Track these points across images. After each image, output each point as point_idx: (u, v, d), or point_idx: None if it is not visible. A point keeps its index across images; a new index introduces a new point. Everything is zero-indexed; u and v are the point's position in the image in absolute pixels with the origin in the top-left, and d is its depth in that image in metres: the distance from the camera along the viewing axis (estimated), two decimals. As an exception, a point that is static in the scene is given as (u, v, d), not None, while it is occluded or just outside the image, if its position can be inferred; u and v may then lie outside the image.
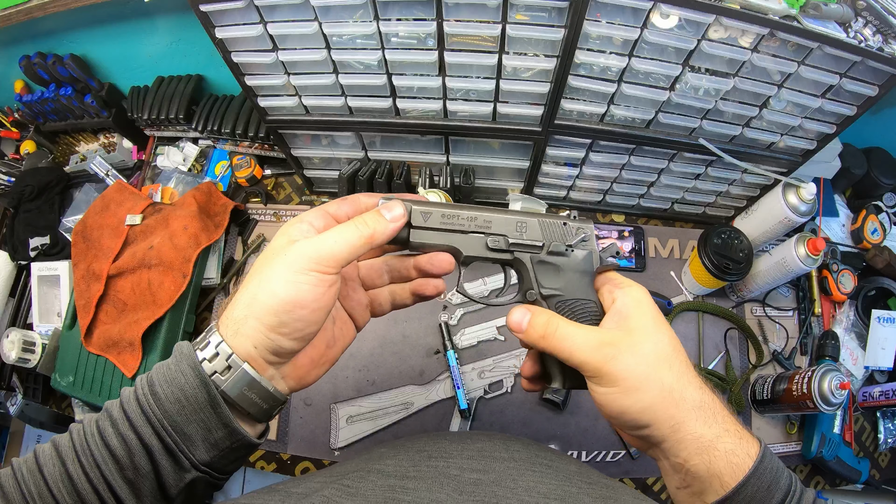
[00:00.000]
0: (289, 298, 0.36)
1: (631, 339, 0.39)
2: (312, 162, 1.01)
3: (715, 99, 0.75)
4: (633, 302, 0.41)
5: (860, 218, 1.07)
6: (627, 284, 0.43)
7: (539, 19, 0.66)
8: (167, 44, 1.04)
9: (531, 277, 0.43)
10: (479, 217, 0.42)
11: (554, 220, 0.44)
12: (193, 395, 0.35)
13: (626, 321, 0.40)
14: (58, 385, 0.92)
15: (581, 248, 0.44)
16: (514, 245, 0.43)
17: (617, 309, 0.41)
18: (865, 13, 0.62)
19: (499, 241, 0.42)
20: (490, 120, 0.82)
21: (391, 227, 0.40)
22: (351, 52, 0.73)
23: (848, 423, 0.95)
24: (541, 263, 0.43)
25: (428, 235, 0.42)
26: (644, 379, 0.37)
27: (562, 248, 0.43)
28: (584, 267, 0.43)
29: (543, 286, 0.43)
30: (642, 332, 0.39)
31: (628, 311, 0.41)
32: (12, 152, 1.23)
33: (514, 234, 0.43)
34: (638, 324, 0.40)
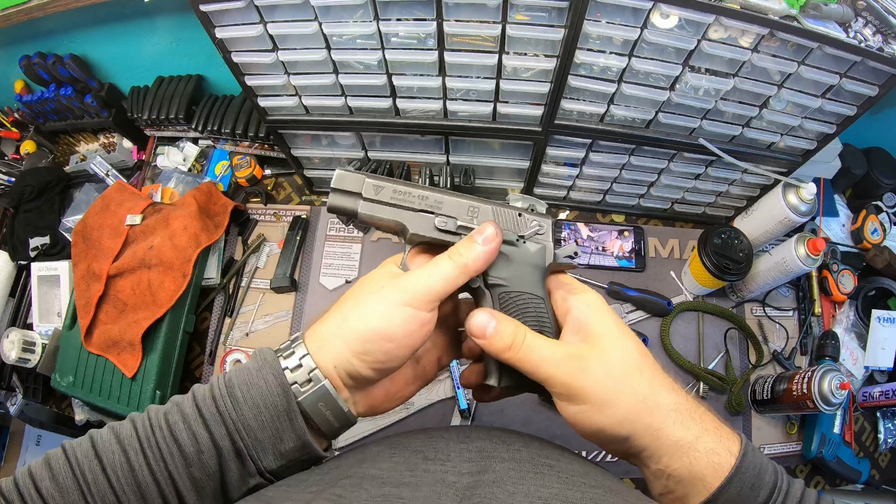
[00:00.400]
0: (379, 329, 0.36)
1: (597, 350, 0.37)
2: (312, 162, 1.01)
3: (715, 99, 0.75)
4: (590, 309, 0.39)
5: (860, 218, 1.07)
6: (582, 290, 0.41)
7: (539, 19, 0.66)
8: (167, 44, 1.04)
9: None
10: (430, 196, 0.41)
11: (509, 210, 0.42)
12: (273, 403, 0.35)
13: (587, 330, 0.38)
14: (58, 385, 0.92)
15: (534, 242, 0.42)
16: (463, 228, 0.41)
17: (575, 318, 0.39)
18: (865, 13, 0.62)
19: (447, 223, 0.41)
20: (490, 120, 0.82)
21: (485, 251, 0.38)
22: (351, 52, 0.73)
23: (848, 423, 0.95)
24: None
25: (377, 209, 0.41)
26: (616, 391, 0.36)
27: (513, 238, 0.41)
28: (535, 261, 0.42)
29: (489, 274, 0.40)
30: (607, 341, 0.37)
31: (587, 318, 0.38)
32: (12, 152, 1.23)
33: (465, 217, 0.41)
34: (601, 332, 0.38)
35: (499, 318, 0.38)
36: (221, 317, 1.02)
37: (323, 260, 1.04)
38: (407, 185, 0.41)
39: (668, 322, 0.97)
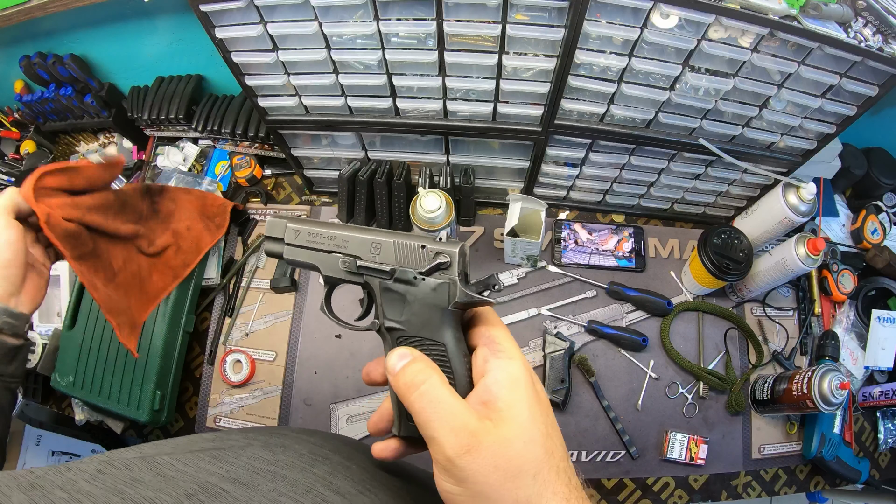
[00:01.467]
0: None
1: (496, 434, 0.32)
2: (312, 162, 1.01)
3: (715, 99, 0.75)
4: (508, 381, 0.34)
5: (860, 218, 1.07)
6: (509, 355, 0.36)
7: (539, 19, 0.66)
8: (167, 44, 1.04)
9: (377, 304, 0.40)
10: (338, 236, 0.41)
11: (412, 242, 0.39)
12: None
13: (495, 405, 0.33)
14: (58, 385, 0.92)
15: (437, 278, 0.37)
16: (363, 268, 0.40)
17: (487, 385, 0.34)
18: (865, 13, 0.62)
19: (349, 263, 0.40)
20: (490, 120, 0.82)
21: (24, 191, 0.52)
22: (351, 52, 0.73)
23: (848, 423, 0.95)
24: (387, 291, 0.39)
25: (297, 252, 0.42)
26: (497, 489, 0.31)
27: (409, 276, 0.38)
28: (435, 300, 0.37)
29: (388, 317, 0.39)
30: (513, 427, 0.32)
31: (500, 392, 0.34)
32: (12, 152, 1.23)
33: (368, 255, 0.40)
34: (510, 413, 0.33)
35: (416, 357, 0.36)
36: (221, 317, 1.02)
37: (323, 260, 1.04)
38: (322, 226, 0.42)
39: (668, 322, 0.97)
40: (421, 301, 0.38)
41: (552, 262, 1.02)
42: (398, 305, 0.38)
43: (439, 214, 0.83)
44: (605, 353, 0.97)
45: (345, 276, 0.41)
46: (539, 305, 0.99)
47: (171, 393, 0.92)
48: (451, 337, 0.37)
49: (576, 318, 0.98)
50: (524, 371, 0.35)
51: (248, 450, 0.39)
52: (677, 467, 0.92)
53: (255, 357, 0.98)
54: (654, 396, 0.95)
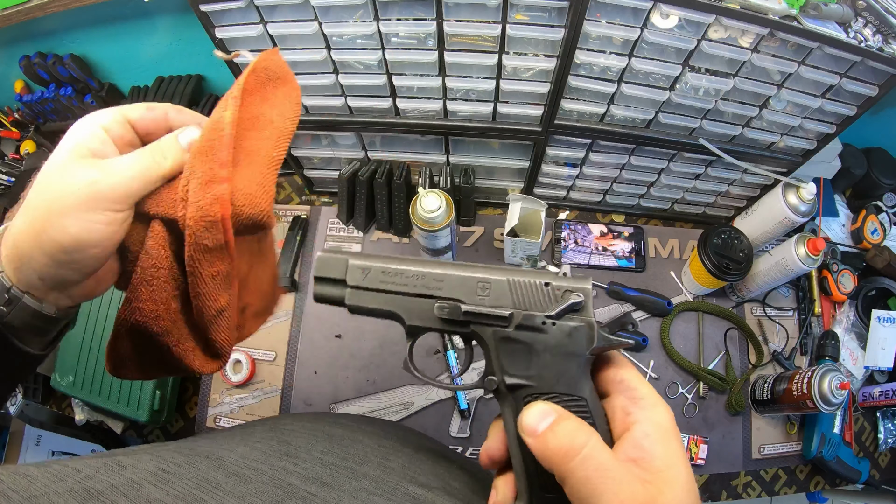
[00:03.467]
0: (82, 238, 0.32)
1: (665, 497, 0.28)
2: (312, 162, 1.01)
3: (715, 99, 0.75)
4: (660, 435, 0.30)
5: (860, 218, 1.07)
6: (651, 403, 0.31)
7: (539, 19, 0.66)
8: (167, 44, 1.04)
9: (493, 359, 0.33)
10: (428, 274, 0.33)
11: (533, 280, 0.32)
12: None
13: (650, 465, 0.29)
14: (58, 385, 0.92)
15: (569, 321, 0.32)
16: (470, 314, 0.32)
17: (637, 441, 0.30)
18: (865, 13, 0.62)
19: (448, 309, 0.33)
20: (490, 120, 0.82)
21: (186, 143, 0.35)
22: (351, 52, 0.73)
23: (848, 423, 0.95)
24: (506, 341, 0.32)
25: (366, 297, 0.34)
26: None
27: (537, 322, 0.32)
28: (571, 347, 0.31)
29: (508, 372, 0.32)
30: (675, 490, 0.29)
31: (654, 448, 0.30)
32: (12, 152, 1.23)
33: (473, 298, 0.33)
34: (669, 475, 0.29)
35: (563, 414, 0.31)
36: (221, 317, 1.02)
37: (323, 260, 1.04)
38: (400, 261, 0.34)
39: (668, 322, 0.97)
40: (554, 350, 0.31)
41: (552, 262, 1.02)
42: (523, 357, 0.32)
43: (439, 214, 0.83)
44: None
45: (440, 326, 0.33)
46: (539, 305, 0.99)
47: (171, 393, 0.92)
48: (589, 389, 0.31)
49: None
50: (671, 419, 0.31)
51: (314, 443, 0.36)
52: (677, 467, 0.92)
53: (255, 357, 0.98)
54: (654, 396, 0.95)
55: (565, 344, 0.31)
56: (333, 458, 0.35)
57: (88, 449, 1.27)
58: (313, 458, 0.34)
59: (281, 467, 0.32)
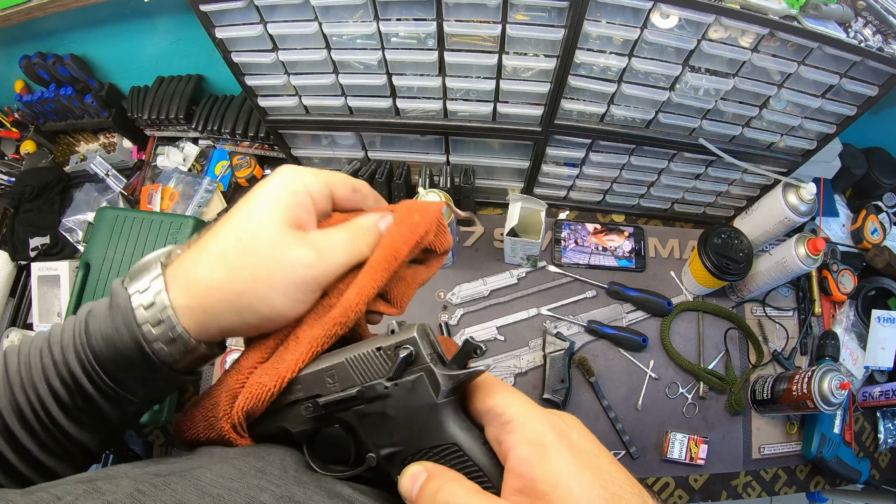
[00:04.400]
0: (285, 313, 0.33)
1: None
2: (312, 162, 1.01)
3: (715, 99, 0.75)
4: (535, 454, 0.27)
5: (860, 218, 1.07)
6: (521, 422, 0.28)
7: (539, 19, 0.66)
8: (167, 44, 1.04)
9: (362, 437, 0.32)
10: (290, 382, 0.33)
11: (364, 350, 0.32)
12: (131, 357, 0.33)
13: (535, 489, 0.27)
14: (58, 385, 0.92)
15: (409, 375, 0.31)
16: (328, 405, 0.32)
17: (515, 470, 0.28)
18: (865, 13, 0.62)
19: (311, 407, 0.33)
20: (490, 120, 0.82)
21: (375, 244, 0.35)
22: (351, 52, 0.73)
23: (848, 423, 0.95)
24: (363, 417, 0.32)
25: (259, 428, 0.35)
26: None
27: (379, 389, 0.31)
28: (419, 400, 0.30)
29: (379, 444, 0.32)
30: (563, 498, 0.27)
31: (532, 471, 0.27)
32: (12, 152, 1.23)
33: (327, 388, 0.32)
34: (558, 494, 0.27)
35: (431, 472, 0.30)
36: (221, 317, 1.02)
37: (323, 260, 1.04)
38: None
39: (668, 322, 0.97)
40: (404, 409, 0.31)
41: (552, 262, 1.02)
42: (383, 426, 0.31)
43: (439, 214, 0.83)
44: (605, 353, 0.97)
45: (316, 425, 0.33)
46: (539, 305, 0.99)
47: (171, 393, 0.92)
48: (458, 430, 0.30)
49: (576, 318, 0.98)
50: (547, 431, 0.28)
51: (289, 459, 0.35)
52: (677, 467, 0.92)
53: (255, 357, 0.98)
54: (654, 396, 0.95)
55: (413, 399, 0.31)
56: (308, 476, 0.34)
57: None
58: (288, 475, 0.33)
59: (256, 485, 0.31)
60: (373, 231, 0.36)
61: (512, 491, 0.28)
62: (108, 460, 1.29)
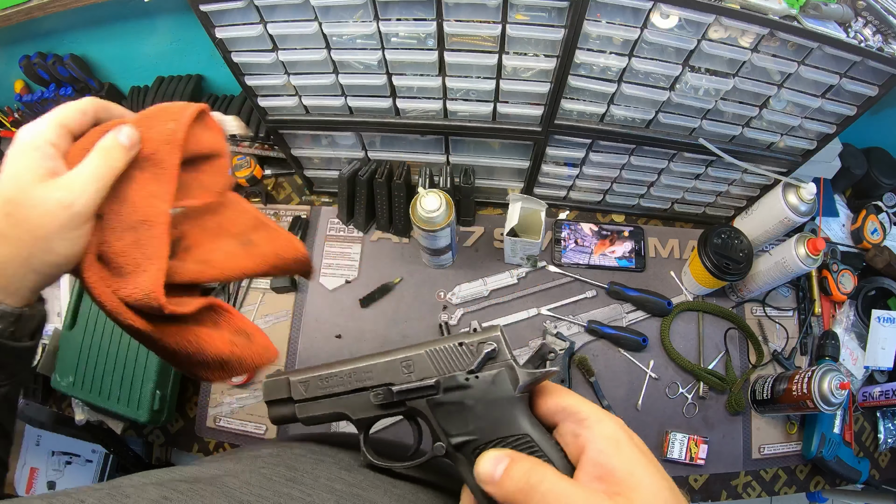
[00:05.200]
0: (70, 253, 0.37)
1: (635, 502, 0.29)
2: (312, 162, 1.01)
3: (715, 99, 0.75)
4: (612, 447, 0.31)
5: (860, 218, 1.07)
6: (597, 419, 0.32)
7: (539, 19, 0.66)
8: (167, 44, 1.04)
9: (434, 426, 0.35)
10: (358, 370, 0.36)
11: (447, 345, 0.35)
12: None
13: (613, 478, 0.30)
14: (58, 385, 0.92)
15: (489, 370, 0.34)
16: (402, 393, 0.35)
17: (593, 460, 0.31)
18: (865, 13, 0.62)
19: (382, 394, 0.35)
20: (490, 120, 0.82)
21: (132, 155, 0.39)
22: (351, 52, 0.73)
23: (848, 423, 0.95)
24: (439, 406, 0.34)
25: (313, 407, 0.37)
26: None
27: (460, 380, 0.34)
28: (499, 393, 0.33)
29: (451, 433, 0.34)
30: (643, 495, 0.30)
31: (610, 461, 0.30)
32: (12, 152, 1.23)
33: (400, 377, 0.35)
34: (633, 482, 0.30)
35: (513, 457, 0.32)
36: (221, 317, 1.02)
37: (323, 260, 1.04)
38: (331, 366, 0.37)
39: (668, 322, 0.97)
40: (483, 400, 0.33)
41: (552, 262, 1.02)
42: (458, 416, 0.34)
43: (439, 214, 0.83)
44: (605, 353, 0.97)
45: (381, 412, 0.36)
46: (539, 305, 0.99)
47: (171, 393, 0.92)
48: (529, 424, 0.33)
49: (576, 318, 0.98)
50: (621, 429, 0.32)
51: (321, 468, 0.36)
52: (677, 467, 0.92)
53: (255, 357, 0.98)
54: (654, 396, 0.95)
55: (492, 391, 0.33)
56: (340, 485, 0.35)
57: (89, 449, 1.27)
58: (320, 484, 0.34)
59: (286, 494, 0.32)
60: (116, 146, 0.39)
61: (590, 478, 0.30)
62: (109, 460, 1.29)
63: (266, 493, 0.31)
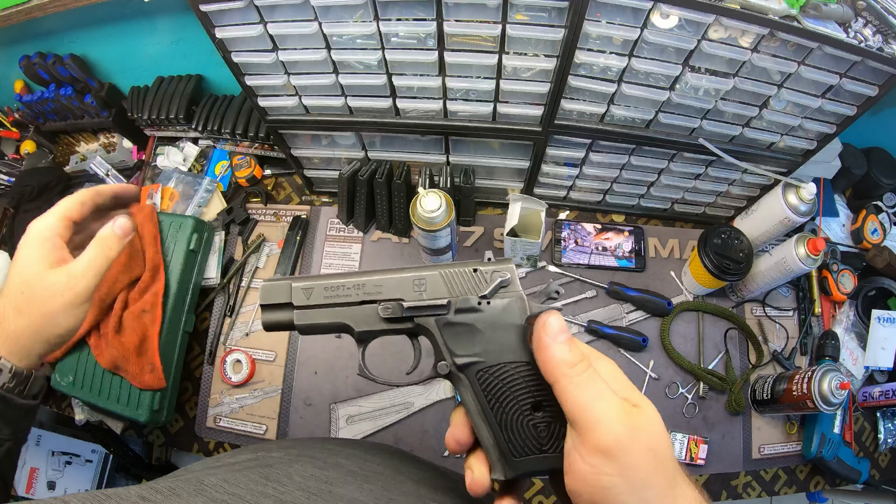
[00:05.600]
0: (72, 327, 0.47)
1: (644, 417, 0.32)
2: (312, 162, 1.01)
3: (715, 99, 0.75)
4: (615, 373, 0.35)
5: (860, 218, 1.07)
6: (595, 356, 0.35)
7: (539, 19, 0.66)
8: (167, 44, 1.04)
9: (440, 344, 0.36)
10: (367, 283, 0.36)
11: (462, 269, 0.36)
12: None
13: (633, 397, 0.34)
14: (58, 385, 0.92)
15: (501, 297, 0.35)
16: (412, 309, 0.35)
17: None
18: (865, 13, 0.62)
19: (391, 308, 0.36)
20: (490, 120, 0.82)
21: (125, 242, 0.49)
22: (351, 52, 0.73)
23: (848, 423, 0.95)
24: (449, 326, 0.35)
25: (313, 315, 0.37)
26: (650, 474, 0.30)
27: (473, 303, 0.35)
28: (509, 319, 0.35)
29: (457, 353, 0.35)
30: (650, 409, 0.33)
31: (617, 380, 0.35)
32: (12, 152, 1.23)
33: (412, 295, 0.36)
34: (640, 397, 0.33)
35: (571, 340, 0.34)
36: (221, 317, 1.02)
37: (323, 260, 1.04)
38: (338, 276, 0.37)
39: (668, 322, 0.97)
40: (493, 325, 0.35)
41: (552, 262, 1.02)
42: (467, 337, 0.35)
43: (439, 214, 0.83)
44: (605, 353, 0.96)
45: (386, 326, 0.36)
46: (539, 305, 0.99)
47: (170, 393, 0.92)
48: (529, 355, 0.34)
49: (576, 318, 0.98)
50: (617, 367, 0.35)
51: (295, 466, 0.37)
52: (677, 467, 0.92)
53: (255, 357, 0.98)
54: (654, 396, 0.95)
55: (502, 318, 0.35)
56: (313, 482, 0.35)
57: (88, 449, 1.27)
58: (293, 482, 0.35)
59: (259, 492, 0.33)
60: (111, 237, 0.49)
61: None
62: (109, 460, 1.29)
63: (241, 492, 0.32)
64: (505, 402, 0.34)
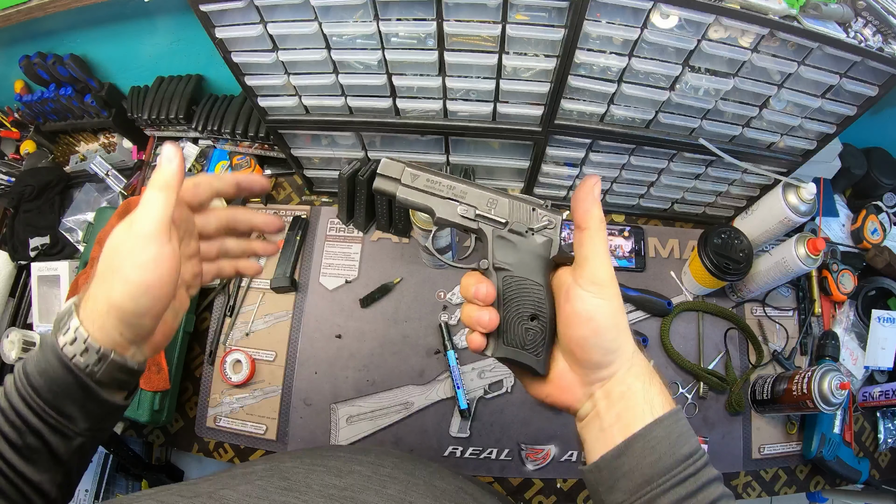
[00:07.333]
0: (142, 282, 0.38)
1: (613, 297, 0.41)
2: (312, 162, 1.01)
3: (715, 99, 0.75)
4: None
5: (860, 218, 1.07)
6: None
7: (539, 19, 0.66)
8: (167, 44, 1.04)
9: (489, 248, 0.46)
10: (457, 187, 0.47)
11: (525, 204, 0.46)
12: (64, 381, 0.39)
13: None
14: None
15: (542, 235, 0.46)
16: (480, 217, 0.46)
17: None
18: (865, 13, 0.62)
19: (468, 211, 0.46)
20: (490, 120, 0.82)
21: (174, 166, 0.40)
22: (351, 52, 0.73)
23: (848, 423, 0.95)
24: (500, 238, 0.46)
25: (412, 194, 0.46)
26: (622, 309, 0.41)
27: (522, 230, 0.46)
28: (540, 251, 0.45)
29: (497, 259, 0.45)
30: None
31: None
32: (12, 152, 1.23)
33: (484, 207, 0.46)
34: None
35: None
36: (221, 317, 1.02)
37: (323, 260, 1.04)
38: (439, 175, 0.47)
39: (668, 322, 0.97)
40: (528, 250, 0.45)
41: (552, 262, 1.02)
42: (508, 250, 0.45)
43: (439, 214, 0.84)
44: (605, 353, 0.97)
45: (459, 221, 0.46)
46: (539, 305, 0.99)
47: (170, 393, 0.92)
48: (546, 281, 0.44)
49: (576, 318, 0.98)
50: None
51: (312, 477, 0.39)
52: (677, 467, 0.92)
53: (255, 357, 0.98)
54: (654, 396, 0.95)
55: (537, 248, 0.45)
56: (333, 490, 0.37)
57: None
58: (313, 490, 0.37)
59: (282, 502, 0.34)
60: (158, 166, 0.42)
61: None
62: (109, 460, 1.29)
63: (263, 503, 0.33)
64: (514, 304, 0.43)
